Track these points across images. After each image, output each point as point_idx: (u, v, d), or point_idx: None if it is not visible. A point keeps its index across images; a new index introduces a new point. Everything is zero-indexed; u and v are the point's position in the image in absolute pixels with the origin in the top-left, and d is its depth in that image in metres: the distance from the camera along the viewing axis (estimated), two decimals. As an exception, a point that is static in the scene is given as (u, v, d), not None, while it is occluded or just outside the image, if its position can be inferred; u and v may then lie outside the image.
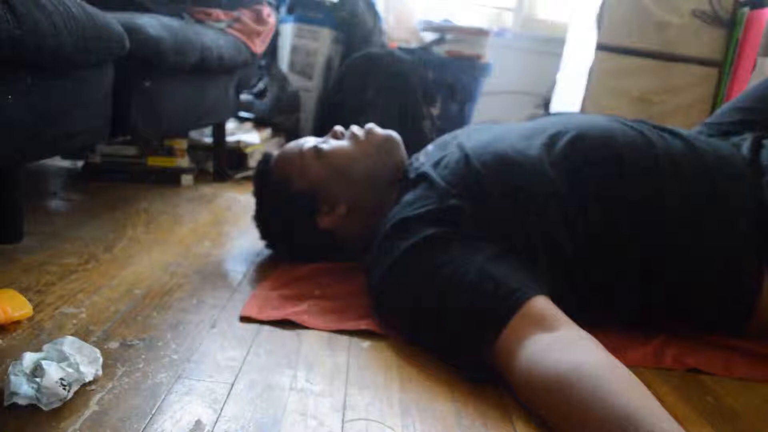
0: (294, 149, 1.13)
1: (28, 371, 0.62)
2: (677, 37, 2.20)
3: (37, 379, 0.61)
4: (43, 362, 0.62)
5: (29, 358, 0.64)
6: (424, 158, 1.06)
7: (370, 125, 1.12)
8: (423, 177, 0.96)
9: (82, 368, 0.65)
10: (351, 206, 1.08)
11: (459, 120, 2.63)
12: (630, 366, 0.68)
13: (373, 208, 1.05)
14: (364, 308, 0.95)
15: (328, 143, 1.11)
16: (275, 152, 1.19)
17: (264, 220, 1.18)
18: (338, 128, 1.14)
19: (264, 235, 1.20)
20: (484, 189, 0.90)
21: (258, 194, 1.19)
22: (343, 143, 1.11)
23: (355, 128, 1.12)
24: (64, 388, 0.61)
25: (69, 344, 0.67)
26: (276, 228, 1.17)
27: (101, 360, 0.69)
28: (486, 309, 0.76)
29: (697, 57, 2.21)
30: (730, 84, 2.16)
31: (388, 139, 1.10)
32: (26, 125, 0.93)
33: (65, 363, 0.64)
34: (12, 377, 0.62)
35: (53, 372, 0.61)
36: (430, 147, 1.10)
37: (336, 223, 1.09)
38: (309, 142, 1.13)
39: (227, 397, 0.67)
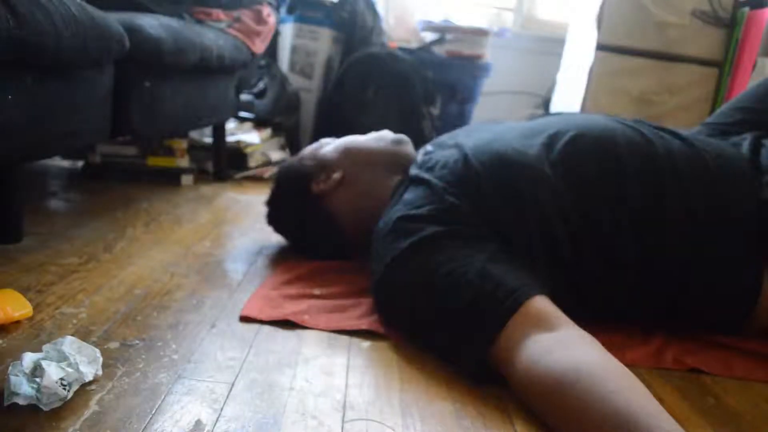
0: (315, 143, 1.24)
1: (27, 371, 0.62)
2: (677, 37, 2.20)
3: (37, 379, 0.61)
4: (43, 362, 0.62)
5: (29, 358, 0.64)
6: (422, 158, 1.06)
7: (385, 131, 1.20)
8: (421, 180, 0.97)
9: (81, 368, 0.65)
10: (346, 178, 1.13)
11: (459, 120, 2.63)
12: (630, 366, 0.68)
13: (368, 188, 1.10)
14: (364, 308, 0.95)
15: None
16: None
17: (270, 197, 1.24)
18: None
19: (268, 213, 1.24)
20: (482, 189, 0.90)
21: (275, 180, 1.25)
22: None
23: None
24: (64, 388, 0.61)
25: (69, 344, 0.67)
26: (277, 201, 1.22)
27: (101, 360, 0.69)
28: (486, 308, 0.76)
29: (697, 57, 2.22)
30: (730, 84, 2.16)
31: (399, 136, 1.17)
32: (26, 125, 0.93)
33: (65, 363, 0.64)
34: (12, 377, 0.62)
35: (53, 372, 0.61)
36: (428, 146, 1.10)
37: (329, 189, 1.12)
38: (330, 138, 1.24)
39: (227, 397, 0.67)
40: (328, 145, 1.20)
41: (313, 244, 1.17)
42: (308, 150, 1.23)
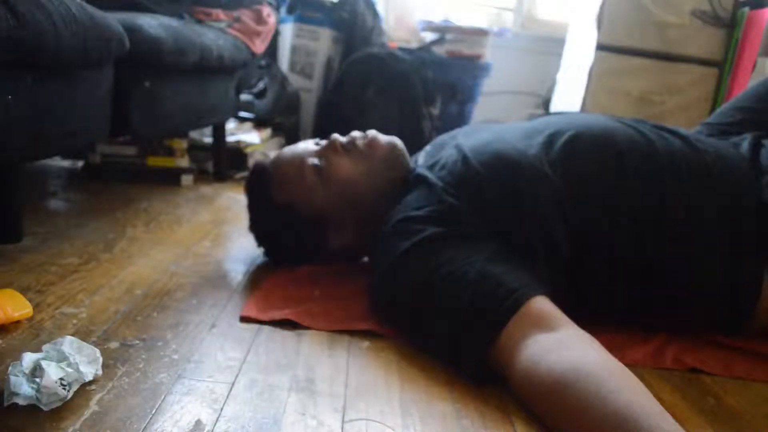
0: (292, 164, 1.07)
1: (27, 371, 0.62)
2: (677, 37, 2.20)
3: (37, 380, 0.61)
4: (43, 362, 0.62)
5: (29, 358, 0.64)
6: (422, 159, 1.06)
7: (372, 133, 1.07)
8: (420, 179, 0.96)
9: (81, 368, 0.65)
10: (359, 225, 1.06)
11: (459, 120, 2.63)
12: (630, 366, 0.68)
13: (378, 221, 0.99)
14: (364, 308, 0.95)
15: (328, 161, 1.04)
16: (268, 163, 1.13)
17: (269, 240, 1.14)
18: (336, 138, 1.06)
19: (262, 244, 1.16)
20: (482, 188, 0.90)
21: (256, 210, 1.13)
22: (345, 161, 1.04)
23: (356, 135, 1.06)
24: (64, 388, 0.61)
25: (68, 344, 0.67)
26: (284, 248, 1.13)
27: (101, 360, 0.69)
28: (486, 309, 0.76)
29: (697, 57, 2.21)
30: (730, 84, 2.16)
31: (392, 150, 1.05)
32: (26, 125, 0.93)
33: (65, 363, 0.64)
34: (12, 378, 0.62)
35: (53, 372, 0.61)
36: (428, 147, 1.10)
37: (345, 242, 1.08)
38: (307, 156, 1.06)
39: (227, 397, 0.67)
40: (321, 186, 1.03)
41: (319, 262, 1.15)
42: (290, 179, 1.06)
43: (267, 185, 1.09)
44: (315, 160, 1.05)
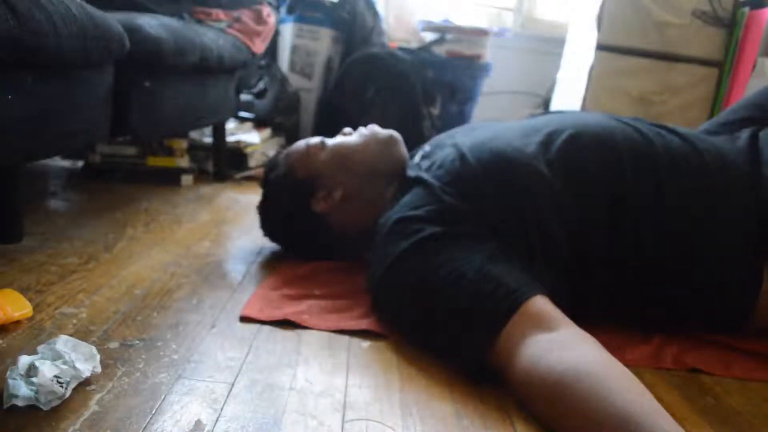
0: (302, 143, 1.18)
1: (23, 373, 0.62)
2: (677, 37, 2.20)
3: (33, 379, 0.61)
4: (37, 362, 0.62)
5: (24, 360, 0.64)
6: (420, 158, 1.06)
7: (373, 125, 1.16)
8: (418, 181, 0.96)
9: (78, 365, 0.65)
10: (347, 193, 1.10)
11: (459, 120, 2.63)
12: (630, 366, 0.68)
13: (369, 200, 1.07)
14: (364, 308, 0.95)
15: (335, 139, 1.16)
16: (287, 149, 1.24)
17: (265, 208, 1.20)
18: (347, 129, 1.18)
19: (264, 223, 1.21)
20: (480, 187, 0.90)
21: (264, 185, 1.21)
22: (347, 138, 1.15)
23: (361, 128, 1.17)
24: (61, 386, 0.61)
25: (62, 343, 0.67)
26: (275, 215, 1.19)
27: (98, 357, 0.69)
28: (485, 309, 0.76)
29: (697, 57, 2.21)
30: (730, 84, 2.16)
31: (390, 136, 1.13)
32: (27, 125, 0.93)
33: (59, 361, 0.64)
34: (10, 381, 0.62)
35: (47, 370, 0.62)
36: (426, 146, 1.10)
37: (331, 208, 1.10)
38: (317, 137, 1.17)
39: (227, 397, 0.68)
40: (321, 152, 1.13)
41: (314, 252, 1.16)
42: (295, 153, 1.16)
43: (278, 159, 1.20)
44: (321, 138, 1.17)
